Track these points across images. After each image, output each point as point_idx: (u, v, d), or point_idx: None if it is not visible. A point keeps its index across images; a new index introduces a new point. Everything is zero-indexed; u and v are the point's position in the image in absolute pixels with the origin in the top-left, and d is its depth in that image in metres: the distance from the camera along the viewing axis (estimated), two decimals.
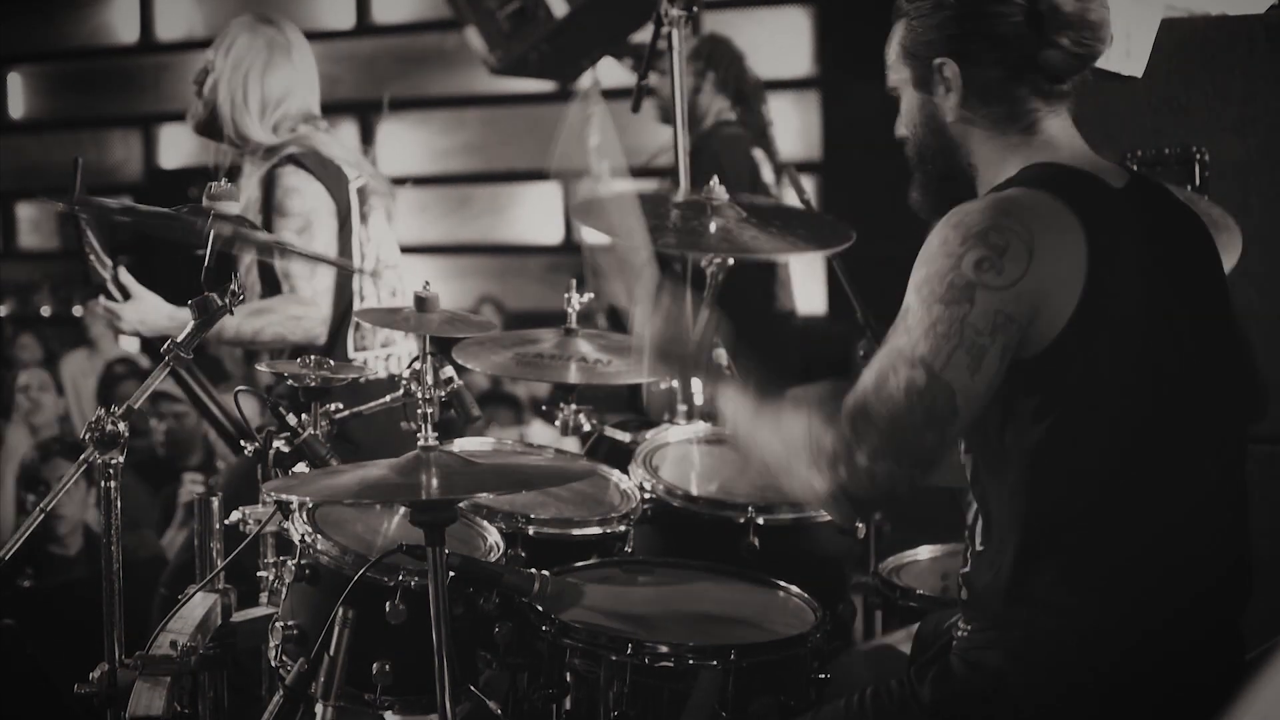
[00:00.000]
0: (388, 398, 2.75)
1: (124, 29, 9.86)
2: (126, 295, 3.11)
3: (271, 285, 3.41)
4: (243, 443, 2.53)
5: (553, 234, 8.38)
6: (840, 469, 1.74)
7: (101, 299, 3.13)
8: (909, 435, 1.73)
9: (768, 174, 4.73)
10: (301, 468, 2.45)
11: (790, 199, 2.93)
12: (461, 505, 2.38)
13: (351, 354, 3.41)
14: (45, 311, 9.66)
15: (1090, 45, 1.93)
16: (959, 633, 1.96)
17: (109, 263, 3.10)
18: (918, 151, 2.04)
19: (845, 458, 1.73)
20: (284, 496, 2.33)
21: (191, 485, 4.58)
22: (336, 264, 3.27)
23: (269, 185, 3.37)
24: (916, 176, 2.07)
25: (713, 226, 2.87)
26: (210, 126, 3.50)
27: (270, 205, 3.35)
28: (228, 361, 6.78)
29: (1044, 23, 1.91)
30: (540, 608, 2.20)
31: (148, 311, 3.14)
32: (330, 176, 3.38)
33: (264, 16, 3.53)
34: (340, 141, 3.55)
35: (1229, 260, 2.25)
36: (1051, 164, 1.92)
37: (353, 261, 3.38)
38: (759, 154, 4.75)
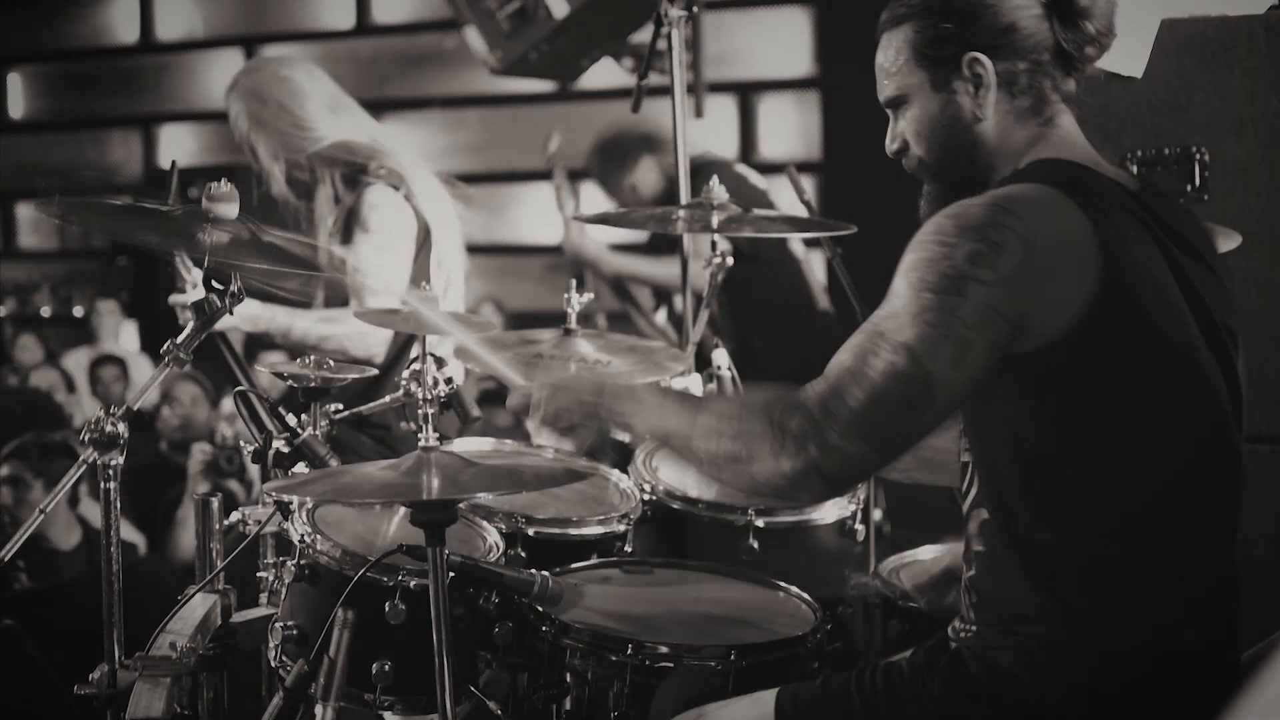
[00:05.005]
0: (388, 398, 2.75)
1: (124, 29, 9.86)
2: (196, 288, 3.13)
3: (340, 292, 3.46)
4: (242, 443, 2.53)
5: (553, 234, 8.36)
6: (811, 447, 1.72)
7: (175, 295, 3.15)
8: (885, 419, 1.72)
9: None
10: (301, 468, 2.45)
11: None
12: (461, 505, 2.38)
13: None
14: (45, 312, 9.67)
15: (1105, 34, 1.95)
16: (969, 628, 1.96)
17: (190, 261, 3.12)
18: (937, 159, 1.99)
19: (816, 436, 1.72)
20: (284, 497, 2.33)
21: (199, 455, 4.57)
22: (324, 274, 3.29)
23: (355, 200, 3.42)
24: (932, 188, 2.02)
25: (715, 220, 2.89)
26: (298, 183, 3.52)
27: (353, 219, 3.40)
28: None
29: (1063, 13, 1.93)
30: (540, 608, 2.20)
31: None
32: (415, 197, 3.42)
33: (243, 71, 3.59)
34: (421, 159, 3.60)
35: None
36: (1060, 160, 1.91)
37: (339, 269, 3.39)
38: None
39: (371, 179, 3.42)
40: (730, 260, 3.07)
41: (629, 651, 2.11)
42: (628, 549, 2.57)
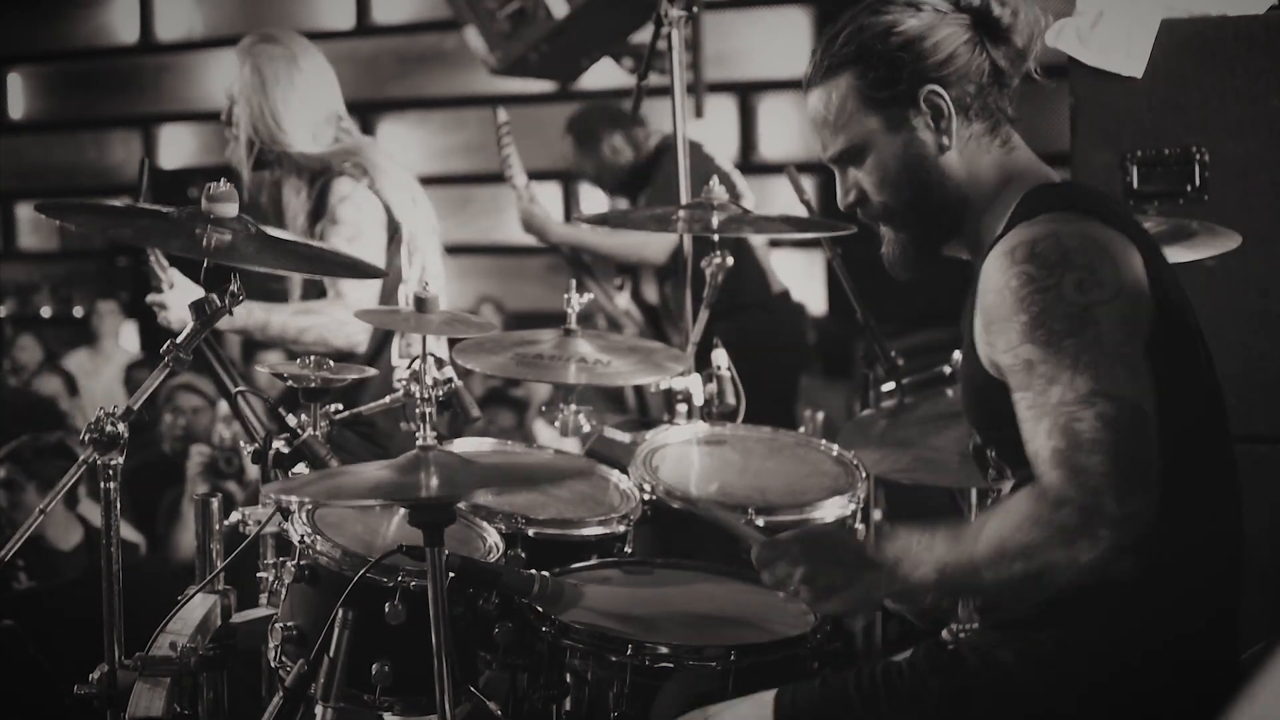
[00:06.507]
0: (387, 398, 2.75)
1: (124, 29, 9.86)
2: (173, 287, 3.12)
3: (316, 287, 3.43)
4: (242, 443, 2.53)
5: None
6: (1102, 530, 1.63)
7: (151, 295, 3.14)
8: (1137, 460, 1.66)
9: None
10: (301, 469, 2.45)
11: None
12: (461, 506, 2.38)
13: (395, 361, 3.42)
14: (45, 312, 9.68)
15: (1029, 49, 1.97)
16: (967, 627, 1.95)
17: (165, 260, 3.11)
18: (907, 200, 1.98)
19: (1099, 517, 1.63)
20: (284, 497, 2.33)
21: (198, 456, 4.58)
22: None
23: (322, 194, 3.41)
24: (901, 234, 2.02)
25: (716, 220, 2.88)
26: (257, 159, 3.50)
27: (322, 213, 3.39)
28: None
29: (990, 33, 1.95)
30: (540, 608, 2.20)
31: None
32: (382, 189, 3.41)
33: (264, 35, 3.55)
34: (389, 154, 3.57)
35: None
36: (1048, 185, 1.93)
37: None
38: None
39: (336, 172, 3.41)
40: (730, 260, 3.07)
41: (629, 652, 2.11)
42: (628, 550, 2.57)
